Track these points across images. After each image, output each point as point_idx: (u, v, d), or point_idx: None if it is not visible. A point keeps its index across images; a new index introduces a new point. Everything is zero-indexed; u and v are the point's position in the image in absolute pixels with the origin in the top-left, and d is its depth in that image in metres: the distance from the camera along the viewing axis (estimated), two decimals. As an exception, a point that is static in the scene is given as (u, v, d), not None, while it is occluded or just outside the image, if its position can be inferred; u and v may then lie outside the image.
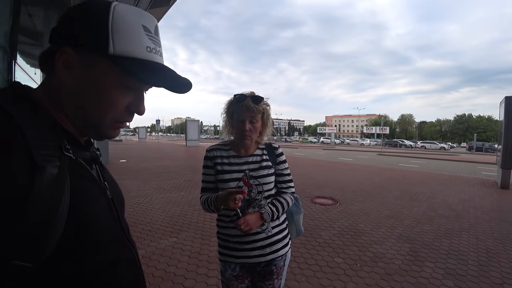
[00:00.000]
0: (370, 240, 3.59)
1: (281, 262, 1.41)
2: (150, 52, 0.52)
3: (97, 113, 0.52)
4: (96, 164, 0.62)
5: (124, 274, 0.57)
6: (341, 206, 5.28)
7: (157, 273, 2.70)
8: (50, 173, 0.43)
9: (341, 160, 16.67)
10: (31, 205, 0.39)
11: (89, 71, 0.50)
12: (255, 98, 1.33)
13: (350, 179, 8.53)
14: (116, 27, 0.48)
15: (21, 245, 0.39)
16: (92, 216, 0.51)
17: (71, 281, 0.46)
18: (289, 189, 1.46)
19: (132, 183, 7.01)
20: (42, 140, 0.44)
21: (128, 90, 0.53)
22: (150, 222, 4.14)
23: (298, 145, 42.82)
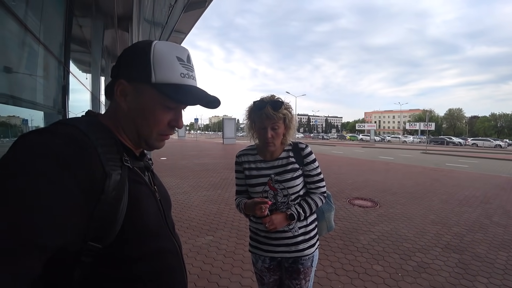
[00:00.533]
0: (413, 247, 3.36)
1: (308, 262, 1.43)
2: (184, 77, 0.65)
3: (146, 128, 0.66)
4: (148, 171, 0.75)
5: (166, 262, 0.69)
6: (381, 208, 5.03)
7: (193, 270, 2.80)
8: (115, 179, 0.57)
9: (381, 158, 15.83)
10: (102, 203, 0.54)
11: (139, 97, 0.64)
12: (275, 104, 1.32)
13: (391, 179, 8.08)
14: (156, 61, 0.62)
15: (94, 231, 0.53)
16: (144, 213, 0.63)
17: (126, 261, 0.60)
18: (318, 190, 1.45)
19: (172, 180, 7.35)
20: (109, 154, 0.58)
21: (169, 110, 0.66)
22: (188, 219, 4.30)
23: (336, 142, 41.54)
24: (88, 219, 0.52)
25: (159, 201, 0.72)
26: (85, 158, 0.53)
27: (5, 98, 2.64)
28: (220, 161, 12.23)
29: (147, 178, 0.73)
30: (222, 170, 9.19)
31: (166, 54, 0.63)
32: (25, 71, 3.01)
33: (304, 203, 1.40)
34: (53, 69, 3.62)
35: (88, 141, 0.55)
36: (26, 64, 3.02)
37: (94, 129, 0.59)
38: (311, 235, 1.44)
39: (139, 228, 0.62)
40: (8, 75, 2.60)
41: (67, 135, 0.53)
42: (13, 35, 2.60)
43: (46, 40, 3.29)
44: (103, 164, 0.55)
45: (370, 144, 39.61)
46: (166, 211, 0.75)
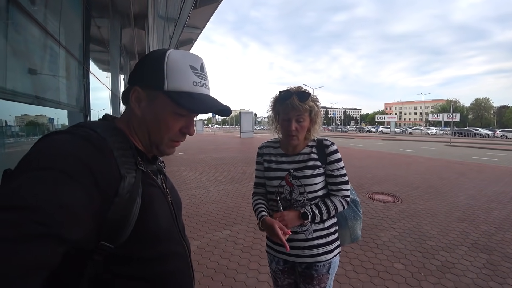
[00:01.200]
0: (437, 246, 3.23)
1: (323, 269, 1.32)
2: (196, 86, 0.66)
3: (157, 134, 0.68)
4: (161, 174, 0.78)
5: (175, 264, 0.70)
6: (402, 204, 4.87)
7: (210, 264, 2.84)
8: (129, 182, 0.59)
9: (402, 151, 15.28)
10: (115, 205, 0.55)
11: (152, 103, 0.66)
12: (301, 95, 1.26)
13: (414, 173, 7.80)
14: (169, 69, 0.64)
15: (107, 232, 0.55)
16: (156, 216, 0.65)
17: (135, 261, 0.62)
18: (340, 193, 1.33)
19: (190, 175, 7.47)
20: (124, 158, 0.61)
21: (180, 117, 0.68)
22: (206, 213, 4.36)
23: (354, 135, 40.66)
24: (102, 219, 0.54)
25: (171, 204, 0.74)
26: (103, 160, 0.55)
27: (31, 98, 2.76)
28: (237, 155, 12.29)
29: (160, 181, 0.75)
30: (239, 164, 9.23)
31: (180, 63, 0.65)
32: (48, 73, 3.13)
33: (321, 205, 1.30)
34: (74, 70, 3.74)
35: (105, 145, 0.58)
36: (48, 66, 3.14)
37: (111, 133, 0.62)
38: (328, 239, 1.33)
39: (150, 230, 0.64)
40: (32, 77, 2.70)
41: (86, 137, 0.56)
42: (35, 39, 2.70)
43: (67, 42, 3.40)
44: (119, 167, 0.58)
45: (390, 136, 38.40)
46: (177, 214, 0.77)
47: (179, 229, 0.75)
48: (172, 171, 7.86)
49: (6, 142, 2.54)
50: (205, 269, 2.74)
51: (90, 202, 0.49)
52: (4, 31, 2.21)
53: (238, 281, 2.56)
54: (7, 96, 2.28)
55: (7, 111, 2.49)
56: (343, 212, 1.41)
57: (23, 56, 2.60)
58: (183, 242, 0.75)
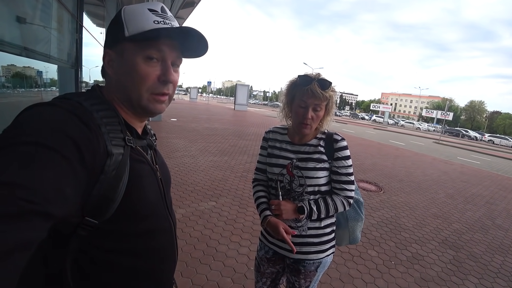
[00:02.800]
0: (410, 238, 3.41)
1: (312, 266, 1.30)
2: (158, 24, 0.62)
3: (134, 89, 0.63)
4: (151, 149, 0.75)
5: (160, 240, 0.71)
6: (384, 194, 5.04)
7: (194, 233, 2.92)
8: (116, 160, 0.57)
9: (392, 143, 15.59)
10: (101, 182, 0.54)
11: (121, 57, 0.63)
12: (323, 83, 1.17)
13: (399, 166, 8.01)
14: (127, 18, 0.63)
15: (92, 207, 0.55)
16: (143, 192, 0.64)
17: (120, 236, 0.62)
18: (343, 192, 1.26)
19: (180, 143, 7.44)
20: (112, 133, 0.59)
21: (153, 62, 0.63)
22: (193, 183, 4.41)
23: (347, 120, 40.85)
24: (86, 196, 0.53)
25: (159, 180, 0.73)
26: (89, 136, 0.52)
27: (19, 49, 2.60)
28: (229, 127, 12.25)
29: (150, 157, 0.73)
30: (230, 137, 9.23)
31: (136, 9, 0.64)
32: (39, 24, 2.94)
33: (321, 202, 1.24)
34: (66, 23, 3.53)
35: (93, 119, 0.56)
36: (39, 16, 2.94)
37: (99, 107, 0.59)
38: (322, 239, 1.28)
39: (137, 207, 0.63)
40: (21, 27, 2.53)
41: (72, 111, 0.53)
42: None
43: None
44: (106, 143, 0.56)
45: (382, 126, 38.77)
46: (166, 190, 0.76)
47: (166, 205, 0.75)
48: (162, 137, 7.82)
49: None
50: (188, 238, 2.82)
51: (75, 179, 0.47)
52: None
53: (219, 252, 2.65)
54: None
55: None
56: (345, 212, 1.36)
57: (12, 4, 2.41)
58: (169, 218, 0.75)
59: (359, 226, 1.43)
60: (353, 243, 1.44)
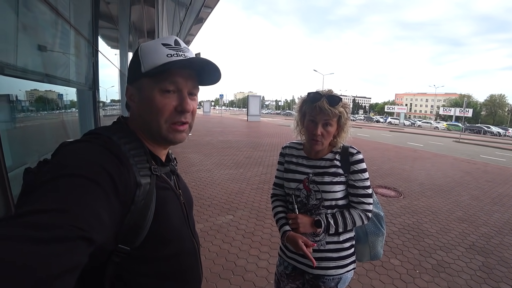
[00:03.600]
0: (435, 244, 3.28)
1: (332, 282, 1.28)
2: (171, 57, 0.66)
3: (154, 121, 0.67)
4: (173, 174, 0.80)
5: (185, 262, 0.74)
6: (405, 200, 4.90)
7: (212, 248, 2.94)
8: (144, 190, 0.61)
9: (409, 145, 15.14)
10: (131, 212, 0.58)
11: (140, 93, 0.68)
12: (332, 99, 1.19)
13: (419, 168, 7.77)
14: (143, 54, 0.67)
15: (124, 235, 0.58)
16: (169, 218, 0.68)
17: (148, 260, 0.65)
18: (360, 206, 1.25)
19: (196, 157, 7.55)
20: (140, 165, 0.63)
21: (169, 94, 0.67)
22: (210, 197, 4.45)
23: (362, 124, 40.19)
24: (120, 225, 0.57)
25: (183, 204, 0.77)
26: (121, 168, 0.56)
27: (41, 76, 2.79)
28: (243, 139, 12.33)
29: (173, 183, 0.77)
30: (245, 149, 9.28)
31: (151, 45, 0.68)
32: (58, 52, 3.13)
33: (338, 216, 1.24)
34: (83, 48, 3.73)
35: (123, 153, 0.60)
36: (58, 44, 3.14)
37: (126, 140, 0.64)
38: (341, 254, 1.28)
39: (164, 232, 0.66)
40: (42, 55, 2.72)
41: (105, 146, 0.58)
42: (45, 18, 2.70)
43: (76, 20, 3.38)
44: (135, 175, 0.60)
45: (398, 128, 37.87)
46: (189, 213, 0.80)
47: (190, 228, 0.78)
48: (178, 153, 7.96)
49: (16, 117, 2.59)
50: (207, 252, 2.84)
51: (112, 208, 0.51)
52: (15, 11, 2.21)
53: (239, 266, 2.65)
54: (18, 74, 2.32)
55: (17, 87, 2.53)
56: (364, 226, 1.34)
57: (34, 35, 2.60)
58: (193, 239, 0.78)
59: (380, 241, 1.39)
60: (375, 259, 1.40)
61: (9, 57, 2.12)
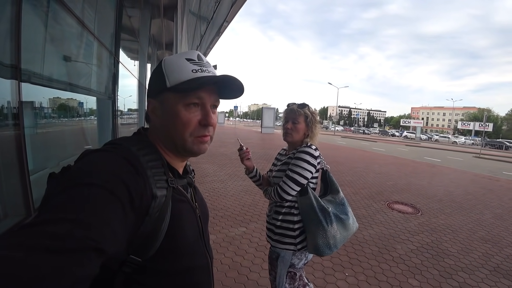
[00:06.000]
0: (456, 265, 3.11)
1: (273, 254, 1.64)
2: (197, 72, 0.67)
3: (178, 134, 0.68)
4: (191, 187, 0.79)
5: (197, 277, 0.73)
6: (423, 216, 4.72)
7: (224, 260, 2.90)
8: (159, 202, 0.61)
9: (427, 160, 14.76)
10: (145, 223, 0.58)
11: (164, 106, 0.68)
12: (301, 105, 1.65)
13: (437, 184, 7.51)
14: (167, 69, 0.67)
15: (136, 246, 0.58)
16: (183, 231, 0.67)
17: (161, 274, 0.64)
18: (280, 183, 1.54)
19: (210, 168, 7.59)
20: (157, 176, 0.62)
21: (193, 108, 0.68)
22: (223, 209, 4.43)
23: (377, 138, 39.53)
24: (132, 236, 0.56)
25: (198, 217, 0.76)
26: (138, 179, 0.57)
27: (64, 85, 2.92)
28: (257, 150, 12.33)
29: (190, 195, 0.76)
30: (259, 160, 9.28)
31: (175, 59, 0.69)
32: (81, 62, 3.27)
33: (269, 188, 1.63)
34: (105, 59, 3.88)
35: (141, 164, 0.60)
36: (82, 56, 3.28)
37: (144, 152, 0.64)
38: (282, 232, 1.58)
39: (177, 245, 0.66)
40: (66, 64, 2.84)
41: (124, 156, 0.58)
42: (72, 31, 2.85)
43: (100, 33, 3.53)
44: (151, 186, 0.59)
45: (415, 142, 36.99)
46: (204, 226, 0.79)
47: (204, 242, 0.77)
48: (193, 163, 7.93)
49: (39, 122, 2.69)
50: (219, 265, 2.80)
51: (125, 220, 0.51)
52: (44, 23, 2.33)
53: (251, 280, 2.59)
54: (43, 82, 2.42)
55: (41, 94, 2.65)
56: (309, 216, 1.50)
57: (60, 45, 2.73)
58: (207, 254, 0.77)
59: (321, 235, 1.46)
60: (316, 252, 1.49)
61: (36, 67, 2.22)
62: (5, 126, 1.68)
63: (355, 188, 6.48)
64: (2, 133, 1.68)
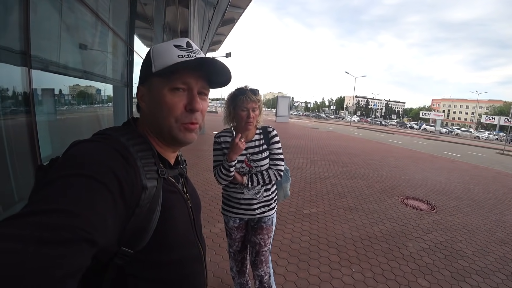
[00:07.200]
0: (470, 267, 3.01)
1: (269, 221, 1.85)
2: (182, 57, 0.66)
3: (163, 119, 0.66)
4: (182, 178, 0.79)
5: (190, 268, 0.73)
6: (437, 214, 4.58)
7: (219, 251, 2.91)
8: (150, 193, 0.60)
9: (446, 155, 14.22)
10: (136, 215, 0.57)
11: (151, 92, 0.68)
12: (253, 91, 1.68)
13: (455, 181, 7.25)
14: (155, 55, 0.67)
15: (127, 238, 0.57)
16: (174, 222, 0.67)
17: (152, 265, 0.64)
18: (275, 167, 1.80)
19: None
20: (147, 167, 0.62)
21: (179, 92, 0.66)
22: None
23: (394, 130, 38.52)
24: (123, 227, 0.56)
25: (190, 208, 0.76)
26: (128, 170, 0.56)
27: (80, 73, 2.96)
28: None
29: (181, 186, 0.76)
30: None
31: (163, 46, 0.68)
32: (97, 50, 3.30)
33: (259, 175, 1.76)
34: (119, 48, 3.91)
35: (131, 155, 0.59)
36: (97, 44, 3.30)
37: (134, 142, 0.63)
38: (271, 201, 1.85)
39: (168, 236, 0.65)
40: (82, 52, 2.87)
41: (114, 147, 0.58)
42: (86, 20, 2.86)
43: (114, 22, 3.54)
44: (142, 177, 0.59)
45: (434, 136, 35.73)
46: (195, 217, 0.79)
47: (196, 233, 0.77)
48: (205, 151, 8.08)
49: (59, 109, 2.77)
50: (225, 253, 2.83)
51: (116, 210, 0.51)
52: (59, 12, 2.34)
53: (255, 272, 2.61)
54: (60, 70, 2.46)
55: (61, 82, 2.71)
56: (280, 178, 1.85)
57: (76, 33, 2.76)
58: (199, 245, 0.77)
59: (288, 186, 2.05)
60: (286, 197, 2.07)
61: (52, 55, 2.26)
62: (17, 113, 1.72)
63: (369, 181, 6.36)
64: (15, 120, 1.71)
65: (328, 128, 28.73)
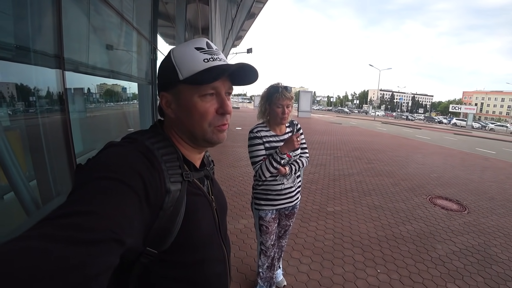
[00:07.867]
0: (505, 274, 2.83)
1: (298, 205, 2.09)
2: (208, 62, 0.66)
3: (196, 126, 0.67)
4: (208, 179, 0.79)
5: (214, 268, 0.74)
6: (469, 215, 4.34)
7: (255, 246, 2.92)
8: (173, 196, 0.62)
9: (479, 151, 13.36)
10: (160, 218, 0.59)
11: (179, 99, 0.67)
12: (287, 88, 1.79)
13: (490, 180, 6.82)
14: (178, 61, 0.66)
15: (152, 239, 0.59)
16: (198, 225, 0.68)
17: (176, 265, 0.66)
18: (305, 154, 2.02)
19: (245, 152, 7.65)
20: (171, 170, 0.63)
21: (209, 97, 0.67)
22: (254, 194, 4.46)
23: (421, 125, 36.86)
24: (148, 229, 0.58)
25: (215, 210, 0.76)
26: (153, 174, 0.58)
27: (107, 72, 3.08)
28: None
29: (206, 188, 0.77)
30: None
31: (184, 51, 0.67)
32: (122, 50, 3.41)
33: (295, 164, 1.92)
34: (144, 47, 4.01)
35: (156, 158, 0.61)
36: (122, 44, 3.41)
37: (159, 145, 0.65)
38: (300, 188, 2.07)
39: (192, 238, 0.67)
40: (108, 53, 2.98)
41: (141, 151, 0.60)
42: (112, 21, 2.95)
43: (138, 22, 3.64)
44: (166, 181, 0.61)
45: (465, 131, 33.73)
46: (220, 219, 0.79)
47: (220, 235, 0.78)
48: (228, 146, 8.19)
49: (88, 107, 2.90)
50: (249, 250, 2.86)
51: (142, 213, 0.53)
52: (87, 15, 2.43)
53: (278, 269, 2.61)
54: (88, 71, 2.56)
55: (89, 81, 2.84)
56: None
57: (103, 35, 2.86)
58: (223, 247, 0.78)
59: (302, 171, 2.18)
60: None
61: (82, 57, 2.35)
62: (52, 112, 1.81)
63: (395, 178, 6.15)
64: (50, 118, 1.81)
65: (352, 123, 28.09)
